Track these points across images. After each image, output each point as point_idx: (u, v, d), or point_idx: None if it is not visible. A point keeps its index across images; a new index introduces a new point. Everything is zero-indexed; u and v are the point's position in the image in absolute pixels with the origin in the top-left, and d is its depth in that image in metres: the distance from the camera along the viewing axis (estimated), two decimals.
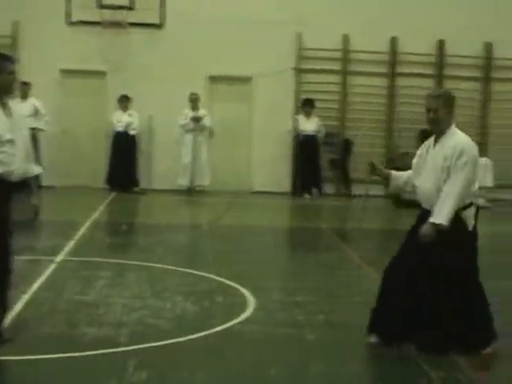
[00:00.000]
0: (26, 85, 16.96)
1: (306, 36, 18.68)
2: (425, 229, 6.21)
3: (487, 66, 19.34)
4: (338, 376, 5.76)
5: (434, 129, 6.46)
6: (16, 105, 6.61)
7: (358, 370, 5.91)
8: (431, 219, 6.18)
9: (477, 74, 19.44)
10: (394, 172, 6.84)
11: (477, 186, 6.42)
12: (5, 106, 6.12)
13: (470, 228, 6.29)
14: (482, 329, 6.31)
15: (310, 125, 18.60)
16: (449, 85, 18.85)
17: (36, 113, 17.12)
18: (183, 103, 17.98)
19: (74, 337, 6.47)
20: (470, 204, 6.30)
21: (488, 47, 19.20)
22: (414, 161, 6.67)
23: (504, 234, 14.22)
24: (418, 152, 6.63)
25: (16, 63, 6.27)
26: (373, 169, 6.75)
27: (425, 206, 6.44)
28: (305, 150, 18.48)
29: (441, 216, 6.14)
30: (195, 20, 18.16)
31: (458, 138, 6.33)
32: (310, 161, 18.55)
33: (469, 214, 6.28)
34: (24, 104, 16.64)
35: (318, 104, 18.70)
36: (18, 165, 6.08)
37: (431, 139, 6.54)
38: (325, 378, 5.70)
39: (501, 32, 18.60)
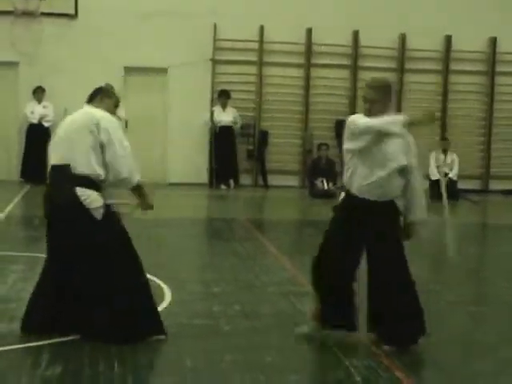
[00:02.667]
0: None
1: (222, 27, 18.64)
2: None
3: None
4: (253, 365, 5.79)
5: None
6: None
7: (274, 359, 5.94)
8: (412, 218, 6.30)
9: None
10: None
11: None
12: None
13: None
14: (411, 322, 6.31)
15: (226, 116, 18.60)
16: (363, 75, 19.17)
17: None
18: None
19: None
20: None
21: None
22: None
23: None
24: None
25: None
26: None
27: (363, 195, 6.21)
28: (221, 141, 18.46)
29: (422, 212, 6.33)
30: (110, 10, 17.95)
31: None
32: (227, 152, 18.55)
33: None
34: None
35: (234, 95, 18.71)
36: None
37: None
38: (240, 368, 5.72)
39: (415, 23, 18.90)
